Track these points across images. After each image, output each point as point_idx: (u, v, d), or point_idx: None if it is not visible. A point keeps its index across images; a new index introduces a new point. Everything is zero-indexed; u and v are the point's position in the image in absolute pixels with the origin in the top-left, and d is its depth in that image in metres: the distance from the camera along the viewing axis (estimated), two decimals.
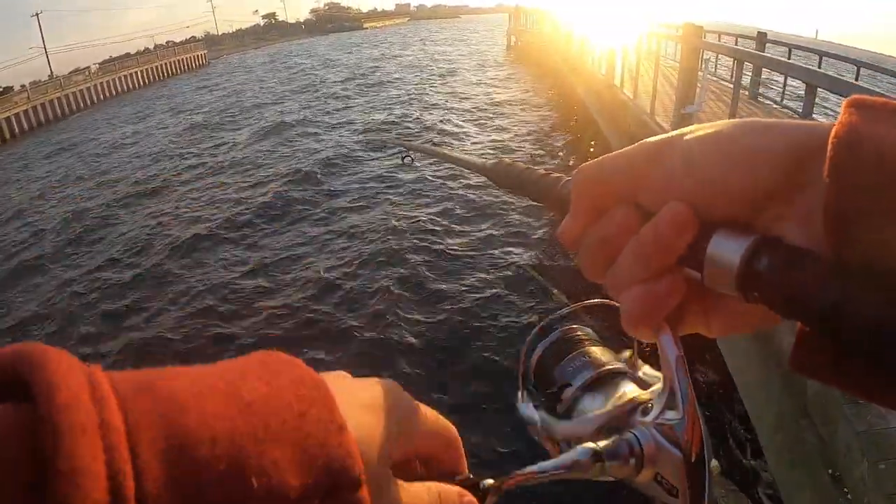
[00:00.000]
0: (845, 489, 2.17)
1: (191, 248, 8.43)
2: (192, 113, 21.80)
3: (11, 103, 26.71)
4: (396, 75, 26.45)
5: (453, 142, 13.16)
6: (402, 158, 1.38)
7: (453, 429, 0.30)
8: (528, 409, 0.37)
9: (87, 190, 12.84)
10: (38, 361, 0.18)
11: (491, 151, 11.77)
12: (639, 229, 0.27)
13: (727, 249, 0.23)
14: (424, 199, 9.01)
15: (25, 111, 26.61)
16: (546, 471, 0.28)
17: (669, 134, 0.27)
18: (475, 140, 12.93)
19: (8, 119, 25.17)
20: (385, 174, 10.33)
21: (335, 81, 25.39)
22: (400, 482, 0.25)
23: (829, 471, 2.27)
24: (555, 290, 5.70)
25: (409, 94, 19.72)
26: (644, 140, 0.28)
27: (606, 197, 0.28)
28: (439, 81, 22.42)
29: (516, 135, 13.12)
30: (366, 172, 10.75)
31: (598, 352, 0.37)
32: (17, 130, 25.38)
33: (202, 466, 0.19)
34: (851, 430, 2.21)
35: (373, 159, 11.25)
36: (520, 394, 0.38)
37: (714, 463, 0.27)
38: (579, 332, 0.38)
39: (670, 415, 0.28)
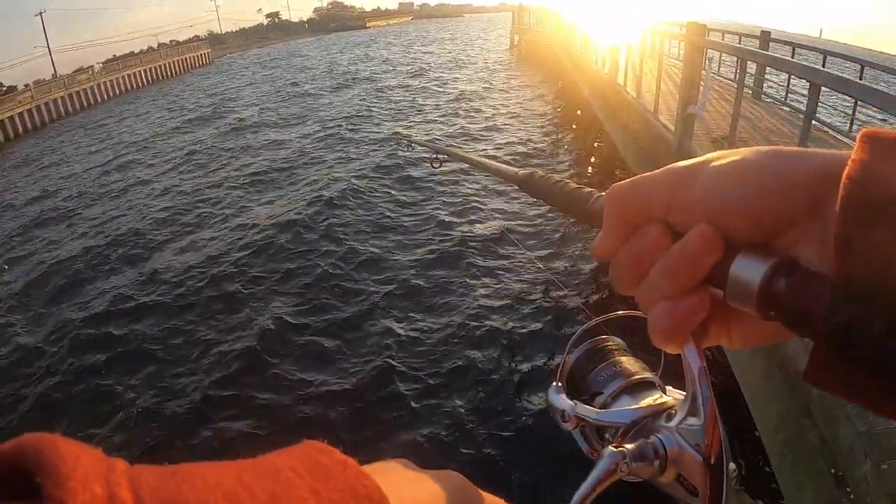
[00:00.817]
0: (848, 489, 2.17)
1: (195, 245, 8.47)
2: (190, 111, 21.87)
3: (15, 102, 26.79)
4: (402, 68, 26.54)
5: (458, 135, 13.19)
6: (432, 162, 1.38)
7: None
8: (560, 399, 0.39)
9: (90, 190, 12.90)
10: (50, 462, 0.16)
11: (497, 149, 11.80)
12: (668, 248, 0.28)
13: (749, 271, 0.25)
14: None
15: (29, 110, 26.67)
16: (588, 493, 0.31)
17: (698, 159, 0.29)
18: (482, 140, 12.94)
19: (11, 118, 25.25)
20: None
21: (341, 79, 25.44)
22: None
23: (832, 471, 2.26)
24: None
25: (410, 97, 19.74)
26: (675, 164, 0.30)
27: (638, 216, 0.30)
28: (442, 81, 22.41)
29: (521, 133, 13.14)
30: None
31: (627, 362, 0.39)
32: (20, 130, 25.46)
33: None
34: (854, 430, 2.20)
35: (405, 162, 11.14)
36: (555, 384, 0.41)
37: (732, 466, 0.29)
38: (610, 343, 0.40)
39: (692, 421, 0.30)
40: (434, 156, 1.38)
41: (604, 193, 0.35)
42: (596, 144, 10.74)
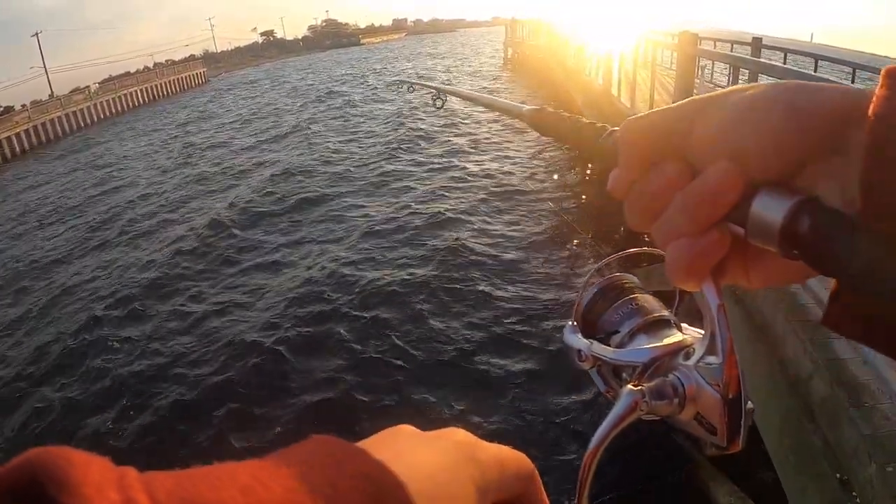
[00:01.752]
0: (853, 493, 2.15)
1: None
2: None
3: (12, 123, 26.86)
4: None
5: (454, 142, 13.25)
6: (434, 101, 1.39)
7: (527, 461, 0.30)
8: (576, 338, 0.39)
9: (87, 207, 12.89)
10: (62, 473, 0.16)
11: (493, 160, 11.84)
12: (686, 184, 0.28)
13: (771, 209, 0.25)
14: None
15: (26, 130, 26.74)
16: (608, 432, 0.31)
17: (717, 92, 0.28)
18: (475, 152, 12.97)
19: (9, 138, 25.31)
20: None
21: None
22: None
23: (837, 474, 2.24)
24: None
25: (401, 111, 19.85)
26: (692, 97, 0.29)
27: (655, 151, 0.29)
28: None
29: (514, 146, 13.15)
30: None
31: (643, 300, 0.38)
32: (17, 150, 25.50)
33: None
34: (858, 433, 2.19)
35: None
36: (571, 323, 0.40)
37: (749, 405, 0.29)
38: (626, 280, 0.40)
39: (710, 359, 0.30)
40: (436, 96, 1.39)
41: (617, 129, 0.34)
42: None
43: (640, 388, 0.32)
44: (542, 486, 0.30)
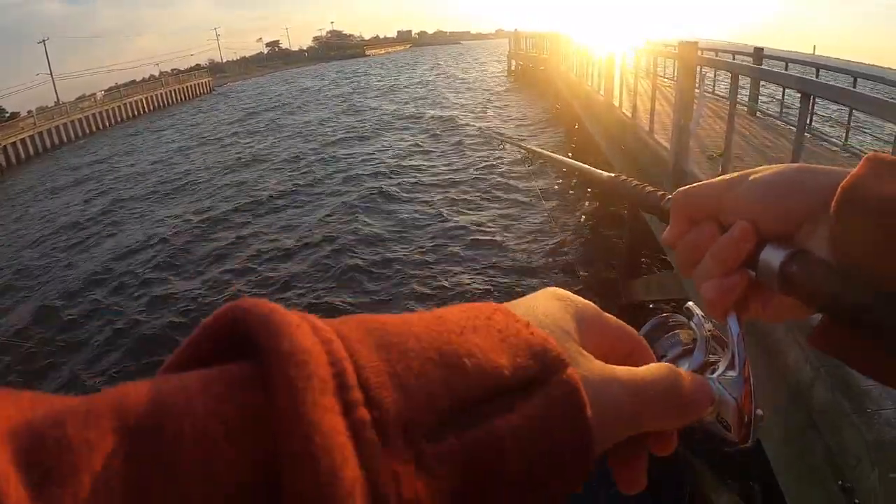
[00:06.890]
0: (856, 500, 2.11)
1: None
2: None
3: (18, 129, 27.06)
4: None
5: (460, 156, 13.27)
6: (524, 162, 1.44)
7: (636, 332, 0.35)
8: None
9: (88, 215, 12.95)
10: (265, 318, 0.19)
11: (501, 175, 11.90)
12: (717, 239, 0.36)
13: (772, 257, 0.34)
14: None
15: (32, 136, 26.94)
16: None
17: (742, 172, 0.37)
18: (484, 164, 13.05)
19: (14, 144, 25.50)
20: None
21: None
22: (613, 366, 0.28)
23: (839, 482, 2.20)
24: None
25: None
26: (724, 175, 0.38)
27: (696, 213, 0.39)
28: (446, 104, 22.68)
29: (518, 160, 13.22)
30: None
31: (684, 334, 0.46)
32: (22, 156, 25.68)
33: (413, 355, 0.21)
34: (861, 440, 2.16)
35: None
36: None
37: (759, 411, 0.36)
38: (672, 320, 0.48)
39: (730, 373, 0.37)
40: (526, 156, 1.44)
41: (671, 196, 0.43)
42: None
43: None
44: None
